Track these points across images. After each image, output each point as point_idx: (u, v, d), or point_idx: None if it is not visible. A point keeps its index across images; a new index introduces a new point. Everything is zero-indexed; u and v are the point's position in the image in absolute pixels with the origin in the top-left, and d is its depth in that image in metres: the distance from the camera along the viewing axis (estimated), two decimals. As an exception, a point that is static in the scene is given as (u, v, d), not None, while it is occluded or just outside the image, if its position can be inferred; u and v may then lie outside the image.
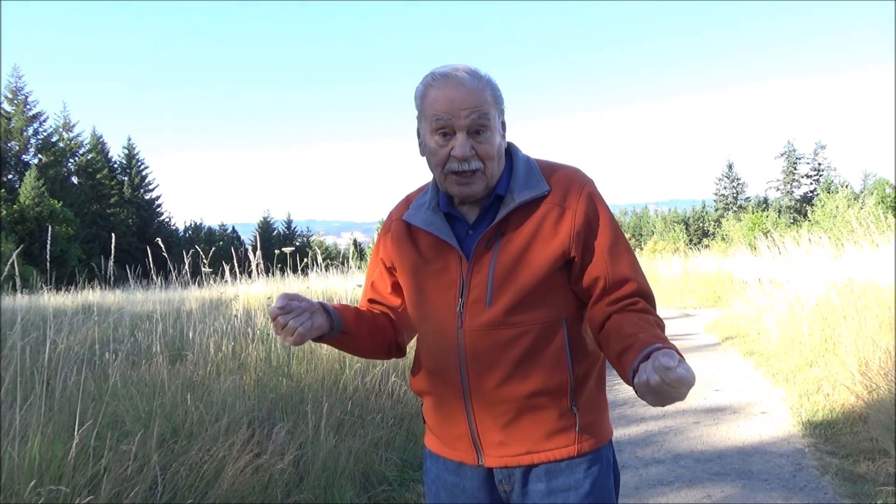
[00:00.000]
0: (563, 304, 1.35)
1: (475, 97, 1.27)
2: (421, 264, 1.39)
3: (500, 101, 1.35)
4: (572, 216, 1.32)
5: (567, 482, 1.33)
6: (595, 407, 1.38)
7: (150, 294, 8.05)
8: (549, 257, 1.30)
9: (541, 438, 1.33)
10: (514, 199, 1.32)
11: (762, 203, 55.01)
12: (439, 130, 1.29)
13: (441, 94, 1.28)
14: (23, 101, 39.99)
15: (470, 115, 1.27)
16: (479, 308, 1.31)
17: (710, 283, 15.33)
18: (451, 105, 1.27)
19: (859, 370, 4.52)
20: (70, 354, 3.69)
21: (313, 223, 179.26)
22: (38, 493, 2.17)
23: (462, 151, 1.27)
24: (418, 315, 1.43)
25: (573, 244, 1.31)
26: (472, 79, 1.29)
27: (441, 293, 1.36)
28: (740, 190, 57.25)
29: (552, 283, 1.32)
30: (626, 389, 5.93)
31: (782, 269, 8.02)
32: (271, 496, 2.83)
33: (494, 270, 1.30)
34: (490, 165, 1.31)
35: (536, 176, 1.36)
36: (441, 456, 1.44)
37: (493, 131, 1.30)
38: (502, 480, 1.37)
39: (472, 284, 1.32)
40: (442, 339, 1.36)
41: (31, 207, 32.70)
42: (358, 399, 3.92)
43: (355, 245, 35.12)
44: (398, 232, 1.45)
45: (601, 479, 1.36)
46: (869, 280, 5.53)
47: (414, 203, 1.45)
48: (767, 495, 3.29)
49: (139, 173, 47.61)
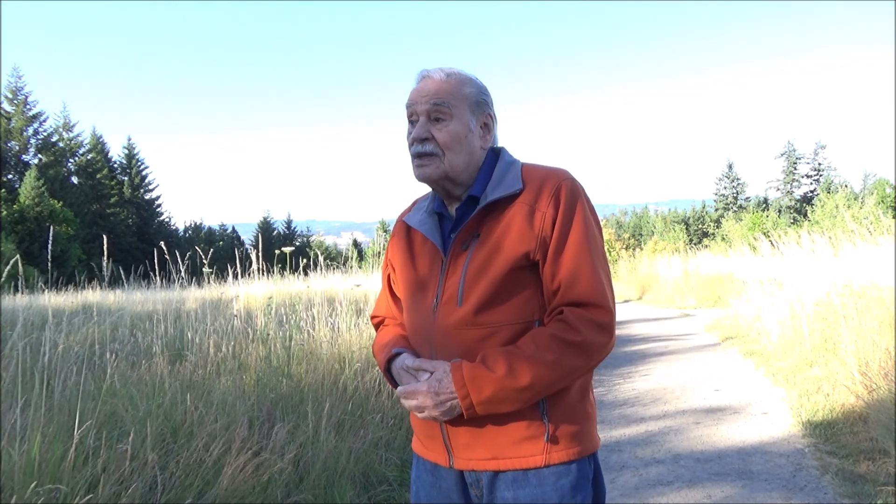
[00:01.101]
0: (537, 308, 1.34)
1: (438, 87, 1.37)
2: (411, 264, 1.46)
3: (478, 102, 1.41)
4: (541, 217, 1.32)
5: (533, 493, 1.29)
6: (572, 418, 1.33)
7: (150, 294, 8.05)
8: (514, 257, 1.31)
9: (507, 444, 1.30)
10: (486, 197, 1.35)
11: (762, 203, 54.98)
12: (410, 119, 1.40)
13: (414, 88, 1.41)
14: (23, 101, 39.96)
15: (429, 102, 1.36)
16: (451, 307, 1.34)
17: (710, 283, 15.31)
18: (417, 94, 1.39)
19: (859, 370, 4.52)
20: (70, 354, 3.68)
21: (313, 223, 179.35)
22: (38, 492, 2.17)
23: (417, 133, 1.37)
24: (405, 314, 1.48)
25: (537, 247, 1.31)
26: (441, 74, 1.40)
27: (422, 292, 1.41)
28: (740, 190, 57.21)
29: (521, 283, 1.32)
30: (625, 389, 5.93)
31: (782, 269, 8.02)
32: (271, 496, 2.83)
33: (467, 270, 1.34)
34: (449, 154, 1.37)
35: (513, 175, 1.38)
36: (421, 456, 1.47)
37: (455, 121, 1.37)
38: (472, 484, 1.37)
39: (447, 284, 1.36)
40: (418, 338, 1.41)
41: (31, 207, 32.68)
42: (358, 399, 3.92)
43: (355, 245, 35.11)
44: (398, 232, 1.53)
45: (574, 494, 1.30)
46: (869, 280, 5.52)
47: (416, 206, 1.54)
48: (767, 495, 3.29)
49: (139, 173, 47.57)
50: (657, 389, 5.86)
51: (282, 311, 5.30)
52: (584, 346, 1.26)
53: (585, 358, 1.28)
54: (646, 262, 22.08)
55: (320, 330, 4.78)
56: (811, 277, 6.75)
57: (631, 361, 7.46)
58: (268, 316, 4.73)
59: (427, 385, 1.29)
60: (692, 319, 11.86)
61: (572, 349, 1.26)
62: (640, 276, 20.36)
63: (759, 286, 8.41)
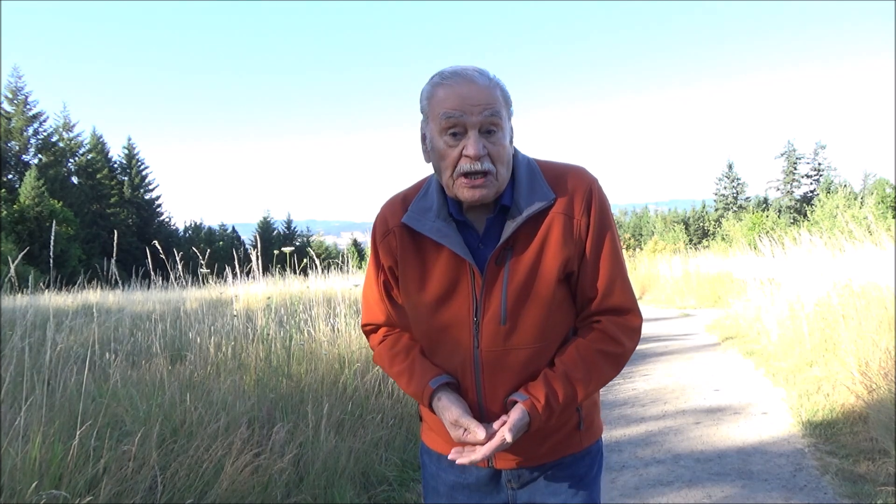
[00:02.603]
0: (573, 317, 1.37)
1: (487, 94, 1.22)
2: (428, 277, 1.32)
3: (510, 105, 1.30)
4: (577, 226, 1.29)
5: (567, 473, 1.39)
6: (593, 405, 1.45)
7: (150, 294, 8.05)
8: (557, 270, 1.28)
9: (549, 439, 1.36)
10: (521, 210, 1.26)
11: (762, 203, 54.97)
12: (449, 130, 1.23)
13: (451, 91, 1.22)
14: (23, 101, 39.96)
15: (483, 112, 1.21)
16: (495, 328, 1.28)
17: (710, 283, 15.32)
18: (462, 102, 1.21)
19: (859, 370, 4.52)
20: (70, 354, 3.69)
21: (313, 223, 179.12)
22: (40, 494, 2.17)
23: (475, 150, 1.20)
24: (425, 328, 1.37)
25: (575, 257, 1.30)
26: (482, 77, 1.24)
27: (454, 309, 1.31)
28: (740, 190, 57.21)
29: (562, 296, 1.32)
30: (625, 389, 5.93)
31: (782, 269, 8.02)
32: (271, 496, 2.83)
33: (507, 288, 1.27)
34: (500, 170, 1.25)
35: (540, 182, 1.31)
36: (442, 454, 1.41)
37: (504, 133, 1.25)
38: (511, 479, 1.39)
39: (487, 302, 1.28)
40: (457, 354, 1.33)
41: (31, 207, 32.67)
42: (358, 399, 3.92)
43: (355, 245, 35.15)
44: (402, 238, 1.36)
45: (597, 469, 1.44)
46: (869, 280, 5.52)
47: (414, 206, 1.35)
48: (767, 495, 3.29)
49: (139, 173, 47.58)
50: (657, 389, 5.86)
51: (282, 312, 5.30)
52: (624, 356, 1.34)
53: (621, 365, 1.36)
54: (646, 262, 22.08)
55: (320, 330, 4.78)
56: (811, 277, 6.75)
57: (631, 361, 7.46)
58: (268, 316, 4.73)
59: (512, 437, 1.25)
60: (692, 319, 11.86)
61: (614, 361, 1.33)
62: (640, 276, 20.36)
63: (759, 286, 8.42)
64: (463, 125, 1.21)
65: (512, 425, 1.23)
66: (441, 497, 1.45)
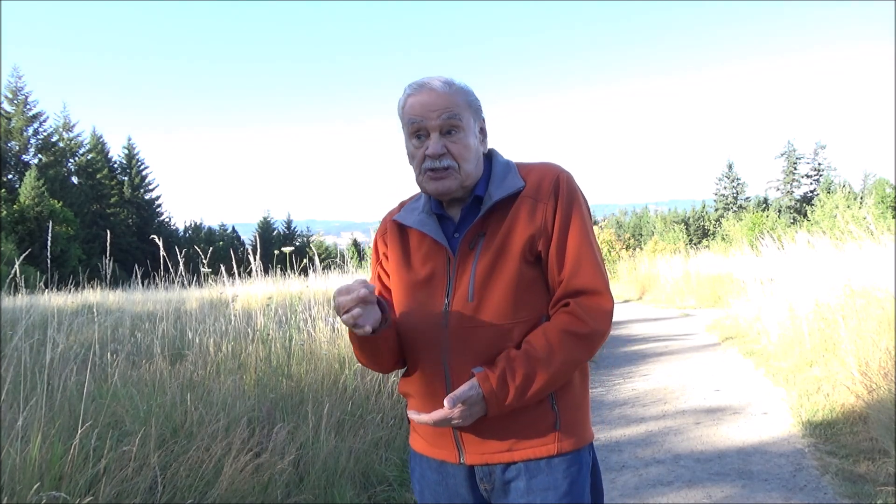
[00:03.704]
0: (545, 302, 1.39)
1: (445, 100, 1.37)
2: (410, 263, 1.45)
3: (476, 108, 1.44)
4: (543, 209, 1.37)
5: (546, 481, 1.35)
6: (576, 407, 1.40)
7: (150, 294, 8.06)
8: (521, 251, 1.35)
9: (521, 436, 1.36)
10: (492, 196, 1.38)
11: (762, 203, 54.97)
12: (415, 134, 1.39)
13: (415, 100, 1.39)
14: (23, 101, 39.98)
15: (441, 116, 1.36)
16: (463, 306, 1.36)
17: (710, 283, 15.32)
18: (423, 108, 1.37)
19: (859, 370, 4.52)
20: (70, 354, 3.69)
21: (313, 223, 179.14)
22: (40, 495, 2.17)
23: (434, 149, 1.36)
24: (403, 312, 1.45)
25: (541, 238, 1.36)
26: (443, 85, 1.39)
27: (428, 292, 1.41)
28: (740, 190, 57.22)
29: (530, 278, 1.37)
30: (625, 389, 5.93)
31: (782, 269, 8.02)
32: (271, 496, 2.83)
33: (476, 269, 1.36)
34: (464, 165, 1.39)
35: (513, 174, 1.43)
36: (424, 455, 1.47)
37: (466, 132, 1.39)
38: (483, 479, 1.39)
39: (457, 284, 1.37)
40: (426, 337, 1.39)
41: (31, 207, 32.68)
42: (358, 399, 3.92)
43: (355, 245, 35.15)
44: (392, 231, 1.52)
45: (580, 481, 1.38)
46: (869, 280, 5.52)
47: (406, 206, 1.53)
48: (767, 495, 3.29)
49: (139, 173, 47.60)
50: (657, 389, 5.86)
51: (281, 312, 5.30)
52: (591, 336, 1.34)
53: (591, 348, 1.35)
54: (646, 262, 22.08)
55: (320, 330, 4.78)
56: (811, 277, 6.75)
57: (631, 361, 7.46)
58: (268, 316, 4.73)
59: (459, 411, 1.30)
60: (692, 319, 11.87)
61: (581, 342, 1.33)
62: (640, 276, 20.37)
63: (759, 286, 8.42)
64: (425, 129, 1.38)
65: (459, 393, 1.29)
66: (426, 497, 1.48)
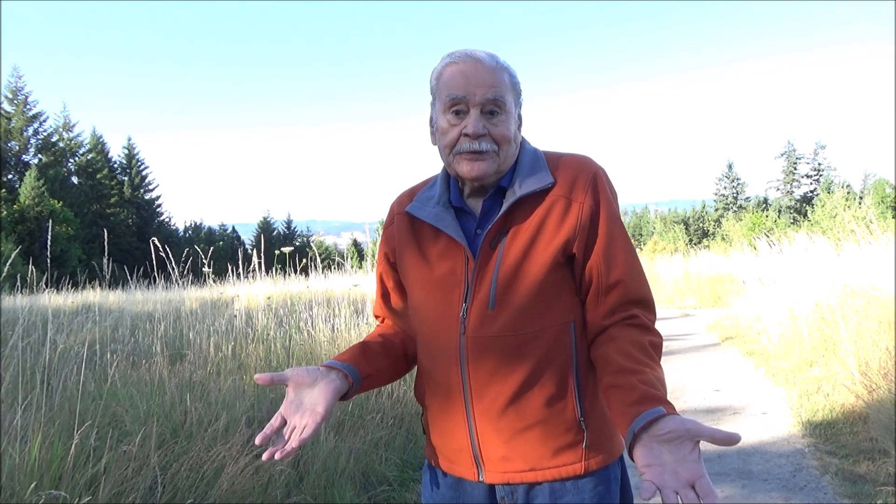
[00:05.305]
0: (571, 307, 1.25)
1: (491, 76, 1.23)
2: (425, 262, 1.30)
3: (518, 91, 1.29)
4: (578, 209, 1.23)
5: (572, 501, 1.24)
6: (604, 422, 1.28)
7: (150, 294, 8.05)
8: (553, 255, 1.21)
9: (546, 454, 1.23)
10: (516, 191, 1.24)
11: (762, 203, 55.02)
12: (452, 108, 1.23)
13: (458, 69, 1.23)
14: (23, 101, 40.02)
15: (486, 94, 1.21)
16: (483, 313, 1.22)
17: (710, 283, 15.33)
18: (467, 81, 1.22)
19: (859, 370, 4.52)
20: (70, 354, 3.68)
21: (313, 223, 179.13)
22: (39, 494, 2.17)
23: (475, 128, 1.21)
24: (419, 317, 1.33)
25: (577, 240, 1.22)
26: (490, 59, 1.25)
27: (445, 295, 1.26)
28: (740, 190, 57.27)
29: (558, 283, 1.23)
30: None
31: (782, 269, 8.02)
32: (271, 496, 2.83)
33: (498, 272, 1.21)
34: (504, 149, 1.24)
35: (541, 166, 1.28)
36: (439, 469, 1.34)
37: (508, 115, 1.25)
38: (504, 497, 1.27)
39: (477, 289, 1.23)
40: (443, 345, 1.26)
41: (31, 207, 32.71)
42: (358, 399, 3.92)
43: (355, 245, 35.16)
44: (401, 225, 1.36)
45: (609, 498, 1.27)
46: (868, 280, 5.52)
47: (419, 196, 1.35)
48: (767, 495, 3.28)
49: (139, 173, 47.64)
50: (657, 389, 5.85)
51: (281, 312, 5.30)
52: (661, 349, 1.25)
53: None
54: (646, 262, 22.09)
55: (320, 330, 4.78)
56: (811, 277, 6.75)
57: (631, 361, 7.44)
58: (268, 316, 4.73)
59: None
60: (692, 319, 11.87)
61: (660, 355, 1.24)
62: (640, 276, 20.32)
63: (759, 286, 8.42)
64: (466, 104, 1.22)
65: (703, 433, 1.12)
66: None
